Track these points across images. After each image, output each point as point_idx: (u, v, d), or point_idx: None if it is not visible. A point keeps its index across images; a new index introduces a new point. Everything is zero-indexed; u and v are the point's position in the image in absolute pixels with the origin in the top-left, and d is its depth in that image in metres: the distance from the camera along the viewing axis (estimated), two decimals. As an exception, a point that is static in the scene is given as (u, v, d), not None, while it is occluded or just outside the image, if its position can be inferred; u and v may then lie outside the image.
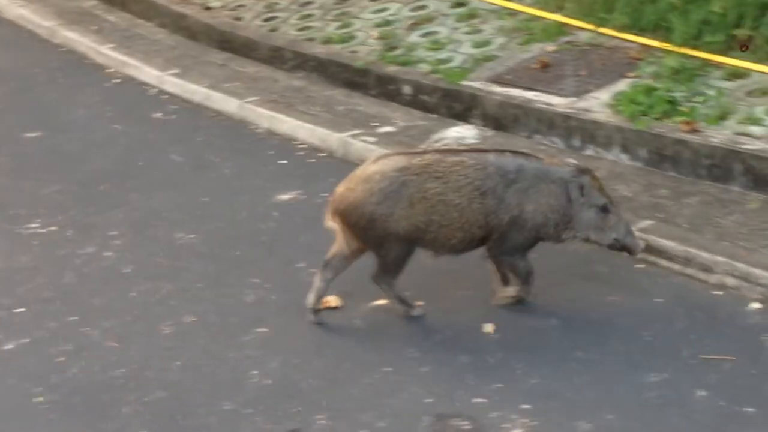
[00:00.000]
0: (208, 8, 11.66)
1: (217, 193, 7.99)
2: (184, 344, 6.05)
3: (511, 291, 6.25)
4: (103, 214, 7.69)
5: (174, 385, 5.68)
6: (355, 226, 6.04)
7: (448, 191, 5.92)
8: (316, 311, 6.23)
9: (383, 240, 6.02)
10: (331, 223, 6.16)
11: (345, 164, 8.29)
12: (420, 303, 6.24)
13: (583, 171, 6.07)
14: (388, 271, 6.16)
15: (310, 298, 6.24)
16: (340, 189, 6.13)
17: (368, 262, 6.69)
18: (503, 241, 6.03)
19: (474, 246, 6.15)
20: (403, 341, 5.94)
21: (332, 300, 6.35)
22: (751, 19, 8.32)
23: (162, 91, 10.18)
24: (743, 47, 7.89)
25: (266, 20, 11.04)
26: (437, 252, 6.18)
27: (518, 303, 6.21)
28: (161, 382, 5.71)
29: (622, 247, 6.13)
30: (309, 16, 10.95)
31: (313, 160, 8.50)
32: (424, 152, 6.22)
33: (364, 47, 9.90)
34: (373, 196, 5.95)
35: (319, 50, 10.05)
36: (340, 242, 6.21)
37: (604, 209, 6.03)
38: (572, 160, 6.26)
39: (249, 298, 6.50)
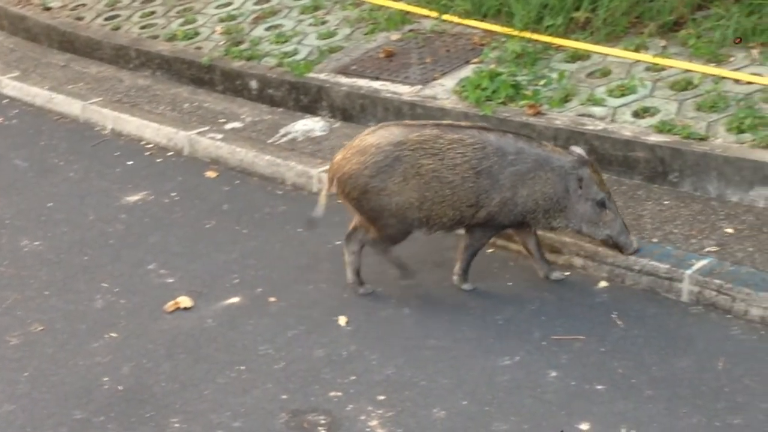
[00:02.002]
0: (47, 9, 11.45)
1: (62, 197, 7.82)
2: (32, 354, 5.88)
3: (457, 266, 6.19)
4: (-56, 225, 7.47)
5: (22, 397, 5.51)
6: (349, 196, 5.99)
7: (442, 168, 5.84)
8: (360, 283, 6.26)
9: (378, 213, 5.97)
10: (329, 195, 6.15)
11: (193, 162, 8.23)
12: (273, 299, 6.18)
13: (584, 162, 5.98)
14: (383, 241, 6.13)
15: (348, 275, 6.27)
16: (338, 157, 6.07)
17: (224, 258, 6.65)
18: (489, 219, 5.95)
19: (463, 224, 6.06)
20: (256, 339, 5.87)
21: (183, 300, 6.26)
22: (589, 1, 8.46)
23: (1, 95, 9.93)
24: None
25: (108, 19, 10.88)
26: (429, 230, 6.10)
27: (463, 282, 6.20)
28: (8, 395, 5.53)
29: (614, 244, 6.07)
30: (152, 13, 10.83)
31: (161, 160, 8.38)
32: (424, 126, 6.05)
33: (209, 43, 9.82)
34: (366, 168, 5.88)
35: (163, 48, 9.93)
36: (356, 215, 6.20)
37: (601, 204, 5.96)
38: (577, 149, 6.14)
39: (98, 303, 6.35)
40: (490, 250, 6.56)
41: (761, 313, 5.60)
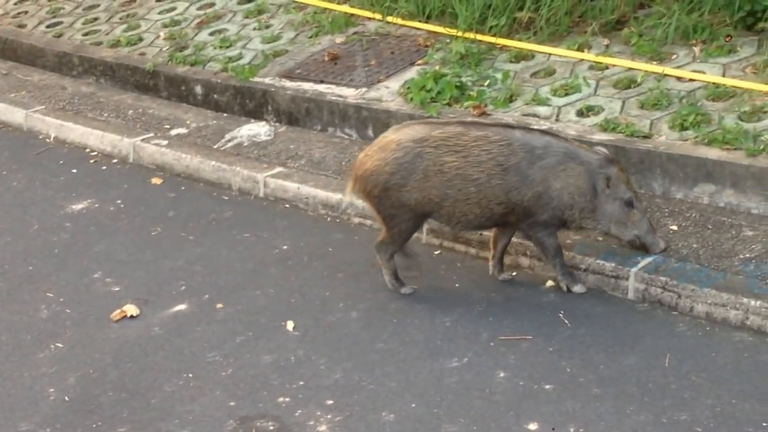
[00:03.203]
0: (-12, 17, 11.31)
1: (5, 207, 7.74)
2: (-24, 367, 5.83)
3: (562, 284, 6.06)
4: None
5: (-33, 411, 5.46)
6: (370, 193, 5.96)
7: (466, 166, 5.79)
8: (394, 284, 6.23)
9: (396, 210, 5.94)
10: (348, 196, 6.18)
11: (138, 169, 8.17)
12: (220, 305, 6.15)
13: (611, 161, 5.93)
14: (393, 242, 6.10)
15: (387, 279, 6.23)
16: (361, 155, 6.05)
17: (170, 265, 6.61)
18: (527, 215, 5.89)
19: (494, 222, 6.00)
20: (204, 346, 5.84)
21: (129, 309, 6.21)
22: (532, 1, 8.48)
23: (-58, 106, 9.82)
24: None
25: (51, 26, 10.77)
26: (453, 226, 6.06)
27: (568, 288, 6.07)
28: (-47, 409, 5.48)
29: (641, 245, 6.01)
30: (95, 19, 10.73)
31: (105, 167, 8.31)
32: (447, 123, 6.03)
33: (153, 49, 9.75)
34: (387, 165, 5.86)
35: (106, 54, 9.84)
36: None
37: (629, 203, 5.91)
38: (602, 149, 6.11)
39: (43, 313, 6.29)
40: (437, 252, 6.56)
41: (706, 309, 5.64)
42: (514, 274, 6.27)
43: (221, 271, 6.59)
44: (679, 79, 7.42)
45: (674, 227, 6.31)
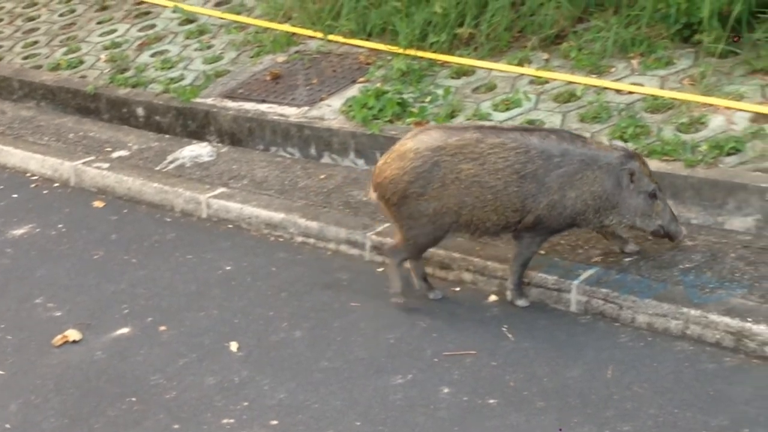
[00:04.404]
0: (-74, 42, 11.19)
1: (-55, 234, 7.66)
2: None
3: (509, 294, 6.06)
4: None
5: None
6: (389, 201, 5.94)
7: (483, 173, 5.76)
8: (430, 288, 6.22)
9: (414, 221, 5.91)
10: (373, 197, 6.11)
11: (80, 193, 8.12)
12: (163, 328, 6.11)
13: (631, 156, 5.92)
14: (405, 249, 6.07)
15: (415, 281, 6.24)
16: (380, 162, 6.03)
17: (113, 288, 6.56)
18: (537, 223, 5.86)
19: (509, 229, 5.96)
20: (147, 369, 5.79)
21: (71, 334, 6.16)
22: (471, 17, 8.52)
23: None
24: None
25: (-10, 50, 10.68)
26: (473, 235, 6.02)
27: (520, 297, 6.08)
28: None
29: (665, 233, 6.03)
30: (35, 43, 10.67)
31: (47, 191, 8.25)
32: (465, 130, 5.98)
33: (94, 71, 9.70)
34: (405, 174, 5.83)
35: (47, 78, 9.78)
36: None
37: (653, 195, 5.91)
38: (619, 143, 6.07)
39: (-17, 341, 6.23)
40: (379, 269, 6.56)
41: (647, 320, 5.67)
42: (457, 289, 6.27)
43: (164, 293, 6.55)
44: (618, 91, 7.48)
45: (615, 239, 6.35)
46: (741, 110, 6.93)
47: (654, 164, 6.52)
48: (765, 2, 7.50)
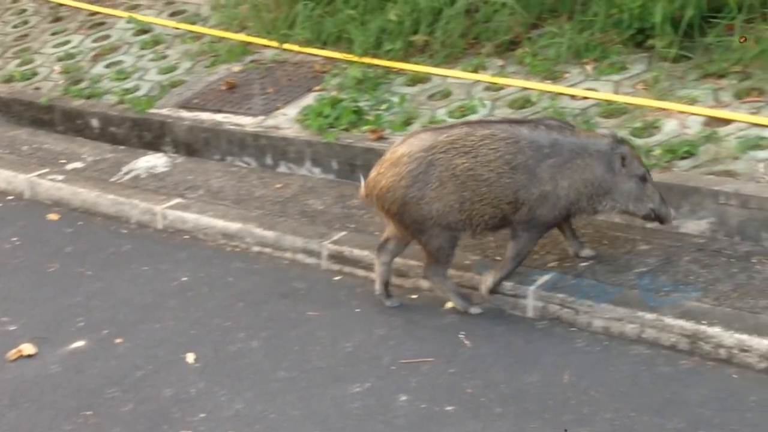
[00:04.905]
0: None
1: None
2: None
3: (490, 280, 6.00)
4: None
5: None
6: (389, 211, 5.88)
7: (477, 166, 5.73)
8: (388, 296, 6.20)
9: (420, 225, 5.85)
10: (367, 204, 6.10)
11: (34, 205, 8.07)
12: (119, 340, 6.07)
13: (621, 141, 5.93)
14: (437, 261, 5.98)
15: (377, 285, 6.18)
16: (373, 173, 5.94)
17: (68, 301, 6.51)
18: (531, 215, 5.84)
19: (504, 223, 5.92)
20: (103, 382, 5.74)
21: (26, 348, 6.10)
22: (426, 24, 8.54)
23: None
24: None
25: (-58, 63, 10.61)
26: (474, 233, 5.96)
27: (493, 292, 6.03)
28: None
29: (656, 216, 6.02)
30: (-13, 55, 10.59)
31: (1, 205, 8.18)
32: (452, 126, 5.97)
33: (48, 83, 9.67)
34: (402, 179, 5.77)
35: (0, 90, 9.70)
36: (389, 226, 6.07)
37: (644, 179, 5.92)
38: (606, 131, 6.04)
39: (-63, 356, 6.17)
40: (337, 278, 6.55)
41: (604, 324, 5.69)
42: (414, 296, 6.27)
43: (120, 305, 6.51)
44: (572, 97, 7.52)
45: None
46: (694, 114, 6.99)
47: (608, 169, 6.55)
48: (716, 7, 7.56)
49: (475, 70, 8.17)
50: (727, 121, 6.85)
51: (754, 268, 5.93)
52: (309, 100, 8.28)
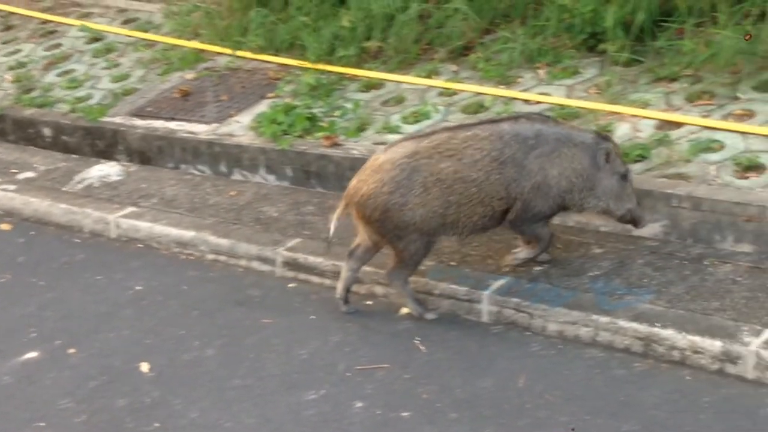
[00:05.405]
0: None
1: None
2: None
3: (522, 253, 6.09)
4: None
5: None
6: (370, 218, 5.81)
7: (464, 168, 5.70)
8: (346, 301, 6.16)
9: (401, 231, 5.80)
10: (344, 215, 5.97)
11: (-14, 217, 8.00)
12: (72, 351, 6.02)
13: (605, 137, 5.93)
14: (405, 267, 5.95)
15: (339, 289, 6.15)
16: (353, 182, 5.88)
17: (20, 312, 6.46)
18: (526, 209, 5.84)
19: (496, 221, 5.92)
20: (56, 393, 5.69)
21: (-22, 359, 6.05)
22: (379, 30, 8.53)
23: None
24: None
25: None
26: (461, 235, 5.94)
27: (529, 261, 6.10)
28: None
29: (631, 218, 6.04)
30: (-63, 64, 10.48)
31: (-48, 217, 8.11)
32: (432, 133, 5.94)
33: (-1, 92, 9.56)
34: (384, 186, 5.72)
35: (-50, 100, 9.62)
36: (361, 233, 5.99)
37: (625, 177, 5.92)
38: (590, 127, 6.04)
39: None
40: (291, 285, 6.53)
41: (558, 328, 5.70)
42: (369, 303, 6.27)
43: (74, 315, 6.46)
44: (526, 101, 7.53)
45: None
46: (646, 118, 7.02)
47: (562, 173, 6.57)
48: (667, 11, 7.61)
49: (428, 76, 8.18)
50: (678, 125, 6.90)
51: (707, 270, 5.97)
52: (263, 107, 8.26)
